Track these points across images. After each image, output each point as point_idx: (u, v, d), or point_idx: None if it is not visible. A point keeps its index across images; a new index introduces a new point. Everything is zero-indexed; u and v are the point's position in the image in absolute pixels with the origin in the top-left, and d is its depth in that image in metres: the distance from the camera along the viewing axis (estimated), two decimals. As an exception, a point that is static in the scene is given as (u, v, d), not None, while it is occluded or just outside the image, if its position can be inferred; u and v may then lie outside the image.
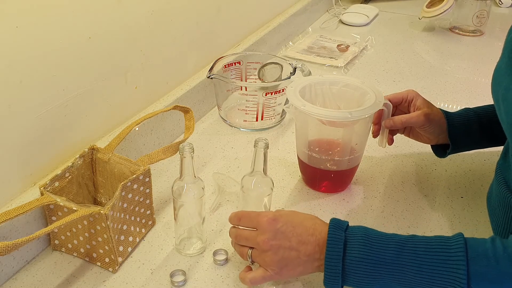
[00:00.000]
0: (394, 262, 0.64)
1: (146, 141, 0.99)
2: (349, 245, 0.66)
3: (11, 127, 0.73)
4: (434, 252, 0.63)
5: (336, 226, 0.68)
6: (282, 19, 1.49)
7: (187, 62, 1.12)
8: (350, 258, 0.66)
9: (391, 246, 0.65)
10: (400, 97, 0.91)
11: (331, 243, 0.66)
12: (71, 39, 0.78)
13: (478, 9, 1.62)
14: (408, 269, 0.63)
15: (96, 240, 0.75)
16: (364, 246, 0.66)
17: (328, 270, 0.67)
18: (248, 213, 0.73)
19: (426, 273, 0.63)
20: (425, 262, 0.63)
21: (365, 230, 0.68)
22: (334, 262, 0.66)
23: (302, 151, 0.91)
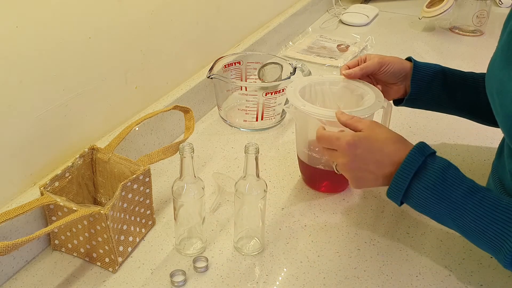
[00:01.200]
0: (458, 202, 0.67)
1: (146, 141, 0.99)
2: (424, 171, 0.69)
3: (11, 127, 0.73)
4: (500, 209, 0.64)
5: (419, 150, 0.70)
6: (282, 19, 1.49)
7: (187, 62, 1.12)
8: (418, 182, 0.69)
9: (463, 187, 0.67)
10: (355, 60, 0.93)
11: (406, 163, 0.69)
12: (71, 39, 0.78)
13: (478, 9, 1.62)
14: (468, 214, 0.66)
15: (96, 240, 0.75)
16: (437, 177, 0.68)
17: (394, 183, 0.70)
18: (329, 136, 0.76)
19: (483, 224, 0.65)
20: (487, 214, 0.64)
21: (446, 165, 0.69)
22: (402, 179, 0.69)
23: (302, 151, 0.91)
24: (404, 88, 0.93)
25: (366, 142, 0.73)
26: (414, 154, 0.69)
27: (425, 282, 0.75)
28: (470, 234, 0.67)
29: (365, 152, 0.72)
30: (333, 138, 0.75)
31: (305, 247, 0.81)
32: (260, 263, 0.78)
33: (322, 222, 0.86)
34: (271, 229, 0.85)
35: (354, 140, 0.72)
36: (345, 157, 0.73)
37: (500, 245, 0.63)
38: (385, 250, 0.81)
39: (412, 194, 0.70)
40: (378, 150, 0.72)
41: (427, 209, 0.70)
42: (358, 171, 0.74)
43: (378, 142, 0.73)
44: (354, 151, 0.72)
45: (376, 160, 0.72)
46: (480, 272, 0.77)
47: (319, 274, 0.76)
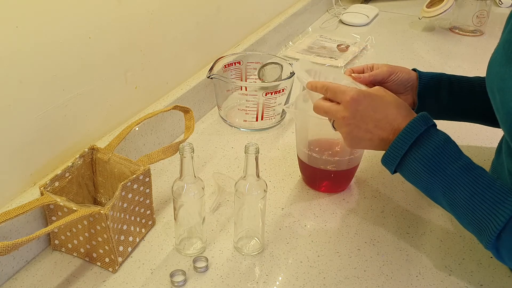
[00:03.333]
0: (453, 176, 0.67)
1: (146, 141, 0.99)
2: (423, 140, 0.69)
3: (11, 127, 0.73)
4: (493, 189, 0.64)
5: (422, 118, 0.70)
6: (282, 19, 1.49)
7: (187, 62, 1.12)
8: (417, 150, 0.69)
9: (459, 163, 0.67)
10: (361, 67, 0.92)
11: (408, 129, 0.69)
12: (71, 39, 0.78)
13: (478, 9, 1.62)
14: (461, 190, 0.66)
15: (96, 240, 0.75)
16: (437, 147, 0.68)
17: (390, 149, 0.70)
18: (335, 88, 0.75)
19: (474, 202, 0.65)
20: (479, 192, 0.65)
21: (446, 138, 0.70)
22: (401, 144, 0.69)
23: (302, 151, 0.91)
24: (412, 98, 0.92)
25: (370, 99, 0.73)
26: (417, 121, 0.70)
27: (425, 282, 0.75)
28: (458, 210, 0.67)
29: (367, 109, 0.72)
30: (338, 90, 0.75)
31: (305, 247, 0.81)
32: (260, 263, 0.78)
33: (322, 222, 0.86)
34: (271, 229, 0.85)
35: (359, 95, 0.73)
36: (346, 111, 0.73)
37: (485, 225, 0.64)
38: (385, 250, 0.81)
39: (408, 162, 0.70)
40: (380, 110, 0.72)
41: (420, 179, 0.70)
42: (356, 128, 0.73)
43: (382, 103, 0.73)
44: (356, 106, 0.72)
45: (377, 120, 0.72)
46: (480, 272, 0.77)
47: (319, 274, 0.76)
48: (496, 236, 0.63)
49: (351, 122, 0.73)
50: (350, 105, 0.73)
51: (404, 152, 0.70)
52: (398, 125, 0.71)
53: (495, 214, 0.63)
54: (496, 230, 0.63)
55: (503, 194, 0.63)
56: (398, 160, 0.71)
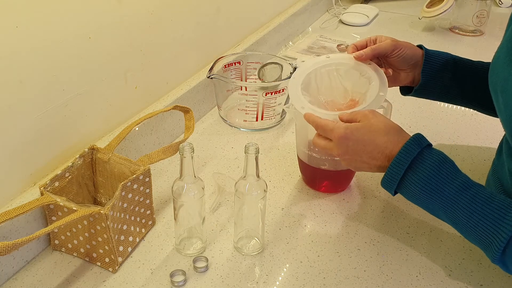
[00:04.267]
0: (451, 197, 0.67)
1: (146, 141, 0.99)
2: (419, 163, 0.69)
3: (11, 127, 0.73)
4: (492, 206, 0.65)
5: (415, 141, 0.71)
6: (282, 19, 1.49)
7: (187, 62, 1.12)
8: (413, 174, 0.69)
9: (457, 182, 0.68)
10: (364, 40, 0.91)
11: (402, 153, 0.70)
12: (71, 39, 0.78)
13: (478, 9, 1.62)
14: (461, 209, 0.66)
15: (96, 240, 0.75)
16: (432, 170, 0.68)
17: (388, 173, 0.71)
18: (323, 126, 0.77)
19: (475, 219, 0.65)
20: (479, 210, 0.65)
21: (441, 158, 0.70)
22: (397, 169, 0.70)
23: (302, 151, 0.91)
24: (413, 75, 0.91)
25: (357, 133, 0.73)
26: (410, 145, 0.70)
27: (425, 282, 0.75)
28: (461, 228, 0.68)
29: (357, 143, 0.73)
30: (327, 129, 0.76)
31: (305, 247, 0.81)
32: (260, 263, 0.78)
33: (322, 222, 0.86)
34: (271, 229, 0.85)
35: (346, 133, 0.74)
36: (339, 148, 0.75)
37: (490, 241, 0.64)
38: (385, 250, 0.81)
39: (406, 185, 0.71)
40: (369, 141, 0.73)
41: (420, 200, 0.71)
42: (353, 161, 0.75)
43: (370, 133, 0.73)
44: (346, 142, 0.74)
45: (368, 151, 0.73)
46: (480, 272, 0.77)
47: (319, 274, 0.76)
48: (502, 252, 0.63)
49: (346, 158, 0.76)
50: (340, 143, 0.74)
51: (400, 177, 0.70)
52: (390, 152, 0.72)
53: (497, 231, 0.63)
54: (500, 247, 0.63)
55: (503, 210, 0.64)
56: (396, 184, 0.71)
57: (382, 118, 0.75)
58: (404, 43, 0.90)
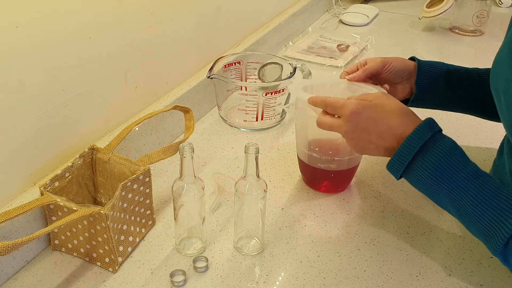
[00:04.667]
0: (459, 184, 0.66)
1: (146, 141, 0.99)
2: (431, 146, 0.68)
3: (11, 127, 0.73)
4: (500, 197, 0.64)
5: (428, 124, 0.69)
6: (282, 19, 1.49)
7: (187, 62, 1.12)
8: (423, 157, 0.68)
9: (467, 170, 0.67)
10: (354, 65, 0.91)
11: (413, 136, 0.68)
12: (71, 39, 0.78)
13: (478, 9, 1.62)
14: (468, 198, 0.65)
15: (96, 240, 0.75)
16: (442, 155, 0.67)
17: (397, 155, 0.69)
18: (333, 102, 0.75)
19: (481, 209, 0.64)
20: (486, 200, 0.64)
21: (452, 144, 0.69)
22: (407, 151, 0.68)
23: (302, 151, 0.91)
24: (410, 87, 0.92)
25: (370, 111, 0.72)
26: (423, 128, 0.69)
27: (425, 282, 0.75)
28: (465, 217, 0.67)
29: (368, 121, 0.72)
30: (337, 105, 0.74)
31: (305, 247, 0.81)
32: (260, 263, 0.78)
33: (322, 222, 0.86)
34: (271, 229, 0.85)
35: (358, 108, 0.72)
36: (348, 125, 0.73)
37: (493, 232, 0.64)
38: (385, 250, 0.81)
39: (414, 169, 0.69)
40: (382, 121, 0.71)
41: (426, 186, 0.69)
42: (360, 140, 0.73)
43: (383, 113, 0.72)
44: (357, 119, 0.72)
45: (379, 131, 0.71)
46: (480, 272, 0.77)
47: (319, 274, 0.76)
48: (504, 244, 0.63)
49: (354, 136, 0.73)
50: (350, 119, 0.72)
51: (410, 159, 0.69)
52: (401, 134, 0.70)
53: (503, 222, 0.63)
54: (504, 238, 0.62)
55: (510, 202, 0.63)
56: (404, 167, 0.70)
57: (395, 100, 0.74)
58: (392, 58, 0.90)
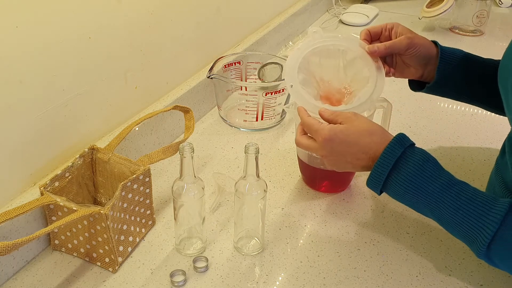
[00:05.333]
0: (436, 195, 0.68)
1: (146, 141, 0.99)
2: (401, 163, 0.69)
3: (11, 127, 0.73)
4: (476, 203, 0.65)
5: (398, 141, 0.71)
6: (282, 19, 1.49)
7: (187, 62, 1.12)
8: (397, 174, 0.70)
9: (440, 180, 0.68)
10: (379, 27, 0.89)
11: (385, 154, 0.70)
12: (71, 39, 0.78)
13: (478, 9, 1.62)
14: (446, 207, 0.67)
15: (96, 240, 0.75)
16: (416, 169, 0.69)
17: (373, 173, 0.72)
18: (309, 125, 0.77)
19: (459, 216, 0.66)
20: (463, 207, 0.66)
21: (424, 157, 0.70)
22: (381, 169, 0.70)
23: (302, 151, 0.91)
24: (422, 72, 0.89)
25: (341, 135, 0.73)
26: (393, 145, 0.70)
27: (425, 282, 0.75)
28: (447, 224, 0.69)
29: (341, 145, 0.74)
30: (312, 129, 0.76)
31: (305, 247, 0.81)
32: (260, 263, 0.78)
33: (322, 222, 0.86)
34: (271, 229, 0.85)
35: (330, 134, 0.74)
36: (323, 150, 0.75)
37: (474, 236, 0.65)
38: (385, 250, 0.81)
39: (391, 184, 0.71)
40: (353, 143, 0.73)
41: (405, 199, 0.71)
42: (337, 162, 0.75)
43: (354, 135, 0.73)
44: (331, 144, 0.74)
45: (352, 153, 0.73)
46: (480, 272, 0.77)
47: (319, 274, 0.76)
48: (486, 247, 0.64)
49: (331, 159, 0.75)
50: (325, 145, 0.74)
51: (385, 177, 0.70)
52: (374, 153, 0.72)
53: (481, 228, 0.64)
54: (485, 243, 0.64)
55: (486, 206, 0.64)
56: (381, 184, 0.71)
57: (364, 120, 0.75)
58: (419, 41, 0.87)
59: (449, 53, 0.89)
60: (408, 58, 0.88)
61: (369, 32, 0.89)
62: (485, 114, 1.18)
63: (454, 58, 0.88)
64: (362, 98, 0.83)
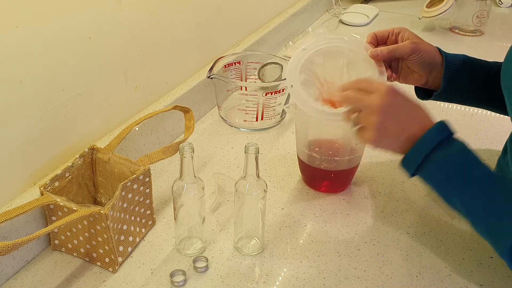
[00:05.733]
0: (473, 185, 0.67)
1: (146, 141, 0.99)
2: (449, 143, 0.68)
3: (11, 127, 0.73)
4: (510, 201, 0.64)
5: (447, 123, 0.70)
6: (282, 19, 1.49)
7: (187, 62, 1.12)
8: (435, 157, 0.68)
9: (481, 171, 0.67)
10: (386, 31, 0.88)
11: (435, 128, 0.69)
12: (71, 39, 0.78)
13: (478, 9, 1.62)
14: (476, 199, 0.66)
15: (96, 240, 0.75)
16: (461, 153, 0.68)
17: (410, 154, 0.70)
18: (369, 80, 0.75)
19: (490, 211, 0.65)
20: (497, 203, 0.65)
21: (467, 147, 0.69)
22: (420, 152, 0.69)
23: (302, 151, 0.91)
24: (427, 79, 0.88)
25: (404, 94, 0.72)
26: (443, 124, 0.70)
27: (425, 282, 0.75)
28: (474, 217, 0.67)
29: (403, 101, 0.72)
30: (373, 83, 0.74)
31: (305, 247, 0.81)
32: (260, 263, 0.78)
33: (322, 222, 0.86)
34: (271, 229, 0.85)
35: (395, 87, 0.72)
36: (383, 99, 0.71)
37: (500, 235, 0.64)
38: (385, 250, 0.81)
39: (431, 163, 0.69)
40: (414, 106, 0.72)
41: (438, 183, 0.70)
42: (388, 119, 0.71)
43: (414, 101, 0.73)
44: (394, 95, 0.71)
45: (409, 114, 0.71)
46: (480, 272, 0.77)
47: (319, 274, 0.76)
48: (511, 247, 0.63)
49: (386, 111, 0.70)
50: (388, 94, 0.71)
51: (429, 151, 0.68)
52: (425, 125, 0.70)
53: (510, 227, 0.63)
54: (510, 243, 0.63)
55: None
56: (421, 159, 0.69)
57: None
58: (424, 47, 0.86)
59: (453, 60, 0.88)
60: (412, 63, 0.86)
61: (375, 35, 0.87)
62: (485, 114, 1.18)
63: (459, 64, 0.88)
64: None
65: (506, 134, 0.83)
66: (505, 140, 0.85)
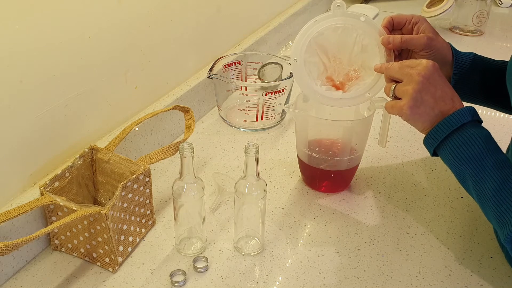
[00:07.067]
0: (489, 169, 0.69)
1: (146, 141, 0.99)
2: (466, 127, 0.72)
3: (11, 127, 0.73)
4: None
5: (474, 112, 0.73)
6: (282, 19, 1.49)
7: (187, 62, 1.12)
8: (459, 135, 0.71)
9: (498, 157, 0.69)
10: (404, 18, 0.87)
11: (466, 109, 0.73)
12: (71, 39, 0.78)
13: (478, 9, 1.62)
14: (492, 183, 0.68)
15: (96, 240, 0.75)
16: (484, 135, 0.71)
17: (436, 129, 0.73)
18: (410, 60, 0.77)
19: (501, 198, 0.67)
20: (508, 188, 0.66)
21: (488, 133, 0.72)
22: (445, 128, 0.72)
23: (302, 151, 0.91)
24: None
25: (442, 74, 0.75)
26: (473, 110, 0.73)
27: (425, 282, 0.75)
28: (484, 201, 0.69)
29: (441, 78, 0.74)
30: (415, 61, 0.76)
31: (305, 247, 0.81)
32: (260, 263, 0.78)
33: (322, 222, 0.86)
34: (271, 229, 0.85)
35: (437, 65, 0.75)
36: (426, 70, 0.74)
37: (507, 220, 0.65)
38: (385, 250, 0.81)
39: (453, 140, 0.72)
40: (450, 86, 0.75)
41: (456, 162, 0.72)
42: (426, 89, 0.73)
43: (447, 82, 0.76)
44: (434, 71, 0.74)
45: (444, 91, 0.74)
46: (480, 272, 0.77)
47: (319, 274, 0.76)
48: None
49: (426, 82, 0.73)
50: (430, 68, 0.74)
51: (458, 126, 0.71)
52: (456, 106, 0.73)
53: None
54: None
55: None
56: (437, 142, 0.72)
57: None
58: (438, 45, 0.85)
59: (463, 59, 0.88)
60: (422, 58, 0.85)
61: (392, 20, 0.87)
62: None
63: (468, 63, 0.88)
64: (358, 91, 0.83)
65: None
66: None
